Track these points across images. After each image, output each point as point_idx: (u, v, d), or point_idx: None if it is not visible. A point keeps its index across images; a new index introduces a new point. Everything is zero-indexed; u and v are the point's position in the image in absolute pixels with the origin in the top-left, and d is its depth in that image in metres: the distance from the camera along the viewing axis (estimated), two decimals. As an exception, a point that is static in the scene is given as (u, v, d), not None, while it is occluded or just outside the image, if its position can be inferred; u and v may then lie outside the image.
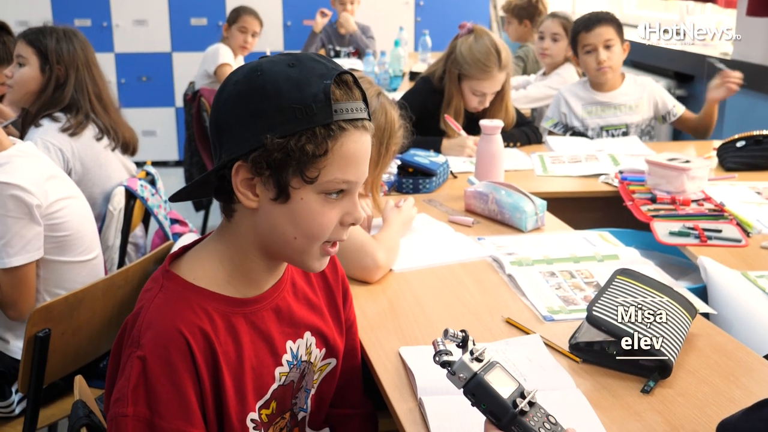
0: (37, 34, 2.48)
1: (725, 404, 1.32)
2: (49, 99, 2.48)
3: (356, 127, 1.13)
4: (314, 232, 1.15)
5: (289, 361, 1.27)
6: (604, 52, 3.15)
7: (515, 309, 1.69)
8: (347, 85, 1.13)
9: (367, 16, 5.76)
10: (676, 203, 2.37)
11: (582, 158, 2.92)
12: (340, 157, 1.11)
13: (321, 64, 1.12)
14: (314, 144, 1.09)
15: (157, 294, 1.15)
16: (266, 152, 1.08)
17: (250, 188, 1.13)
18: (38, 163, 2.03)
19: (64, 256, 2.04)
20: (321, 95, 1.08)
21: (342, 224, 1.18)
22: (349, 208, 1.17)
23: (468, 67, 2.93)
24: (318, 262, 1.21)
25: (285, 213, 1.13)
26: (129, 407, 1.08)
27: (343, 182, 1.13)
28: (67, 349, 1.83)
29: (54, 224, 1.99)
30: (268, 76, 1.10)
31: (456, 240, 2.08)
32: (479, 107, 3.03)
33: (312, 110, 1.08)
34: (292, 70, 1.10)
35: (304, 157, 1.09)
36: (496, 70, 2.92)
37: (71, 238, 2.05)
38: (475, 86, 2.96)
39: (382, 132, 1.91)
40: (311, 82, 1.09)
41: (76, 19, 5.84)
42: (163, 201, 2.72)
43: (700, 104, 3.33)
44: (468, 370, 1.10)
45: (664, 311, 1.48)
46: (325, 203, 1.14)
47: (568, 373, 1.42)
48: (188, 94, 4.61)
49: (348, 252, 1.77)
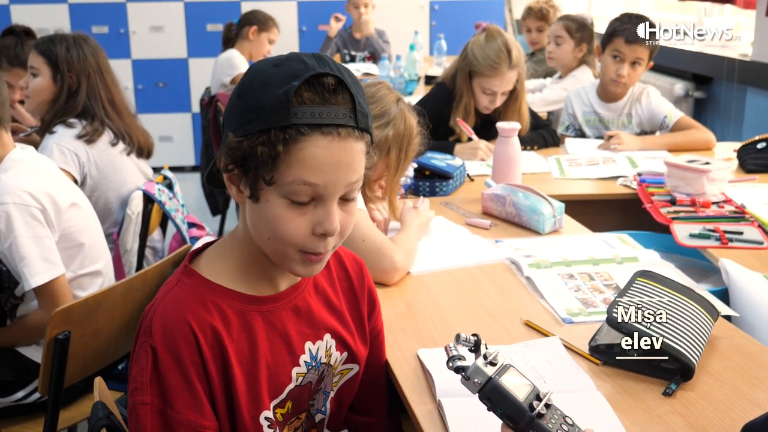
0: (47, 43, 2.50)
1: (748, 407, 1.30)
2: (62, 107, 2.50)
3: (323, 132, 1.07)
4: (281, 236, 1.12)
5: (307, 362, 1.26)
6: (627, 68, 3.12)
7: (534, 311, 1.68)
8: (324, 87, 1.08)
9: (383, 21, 5.77)
10: (696, 205, 2.35)
11: (599, 161, 2.90)
12: (299, 161, 1.07)
13: (302, 64, 1.08)
14: (267, 146, 1.06)
15: (174, 287, 1.17)
16: (230, 150, 1.09)
17: (234, 183, 1.14)
18: (42, 170, 2.03)
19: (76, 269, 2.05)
20: (282, 96, 1.06)
21: (314, 233, 1.13)
22: (320, 217, 1.12)
23: (478, 64, 2.93)
24: (301, 267, 1.16)
25: (258, 212, 1.13)
26: (147, 395, 1.10)
27: (304, 185, 1.09)
28: (87, 351, 1.84)
29: (63, 235, 2.00)
30: (252, 74, 1.11)
31: (473, 242, 2.08)
32: (490, 107, 3.02)
33: (270, 111, 1.06)
34: (272, 70, 1.09)
35: (256, 158, 1.07)
36: (506, 68, 2.91)
37: (78, 250, 2.04)
38: (485, 84, 2.95)
39: (401, 138, 1.91)
40: (281, 83, 1.07)
41: (93, 26, 5.89)
42: (180, 205, 2.73)
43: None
44: (482, 375, 1.09)
45: (685, 313, 1.47)
46: (290, 208, 1.11)
47: (588, 375, 1.40)
48: (204, 100, 4.62)
49: (366, 254, 1.76)
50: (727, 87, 3.97)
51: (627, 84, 3.17)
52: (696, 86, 4.24)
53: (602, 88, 3.28)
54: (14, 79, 2.89)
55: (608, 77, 3.18)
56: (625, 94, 3.24)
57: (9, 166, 1.96)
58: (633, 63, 3.12)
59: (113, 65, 2.68)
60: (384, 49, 5.50)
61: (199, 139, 5.90)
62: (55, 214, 1.95)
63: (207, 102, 4.48)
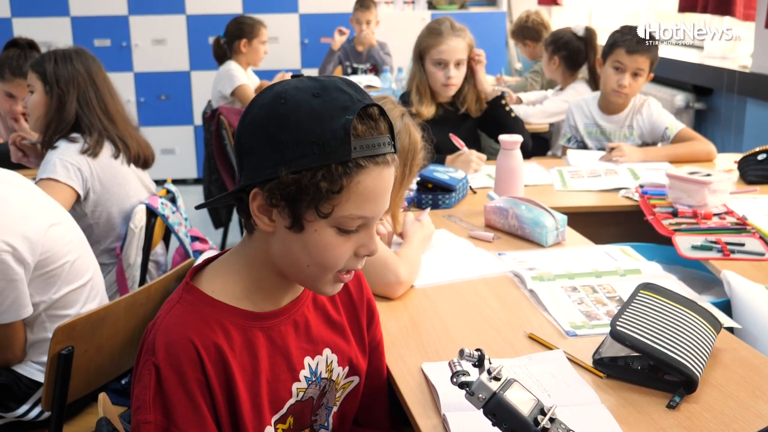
0: (38, 60, 2.53)
1: (752, 419, 1.30)
2: (56, 119, 2.50)
3: (377, 163, 1.10)
4: (327, 263, 1.15)
5: (307, 377, 1.27)
6: (629, 78, 3.13)
7: (537, 324, 1.68)
8: (372, 118, 1.10)
9: (385, 33, 5.80)
10: (697, 217, 2.36)
11: (601, 172, 2.91)
12: (357, 194, 1.10)
13: (346, 95, 1.09)
14: (329, 181, 1.07)
15: (175, 305, 1.17)
16: (281, 185, 1.08)
17: (266, 213, 1.13)
18: (9, 200, 1.90)
19: (58, 289, 1.98)
20: (341, 131, 1.06)
21: (356, 255, 1.17)
22: (364, 240, 1.16)
23: (423, 39, 3.04)
24: (330, 288, 1.20)
25: (299, 241, 1.13)
26: (150, 414, 1.10)
27: (359, 218, 1.13)
28: (90, 366, 1.83)
29: (41, 261, 1.91)
30: (290, 105, 1.08)
31: (476, 255, 2.08)
32: (448, 83, 3.04)
33: (330, 147, 1.06)
34: (316, 101, 1.08)
35: (318, 193, 1.08)
36: (450, 34, 2.99)
37: (61, 269, 1.97)
38: (434, 55, 3.01)
39: (406, 153, 1.92)
40: (333, 116, 1.07)
41: (95, 39, 5.92)
42: (183, 218, 2.73)
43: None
44: (487, 390, 1.09)
45: (688, 326, 1.47)
46: (338, 236, 1.13)
47: (592, 388, 1.41)
48: (207, 113, 4.64)
49: (370, 268, 1.77)
50: (728, 98, 3.98)
51: (628, 94, 3.18)
52: (696, 98, 4.25)
53: (603, 100, 3.29)
54: (18, 90, 2.92)
55: (609, 88, 3.19)
56: (627, 105, 3.25)
57: None
58: (634, 74, 3.13)
59: (115, 78, 2.69)
60: (386, 62, 5.53)
61: (201, 152, 5.91)
62: (27, 248, 1.86)
63: (210, 115, 4.50)
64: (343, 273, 1.19)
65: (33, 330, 1.99)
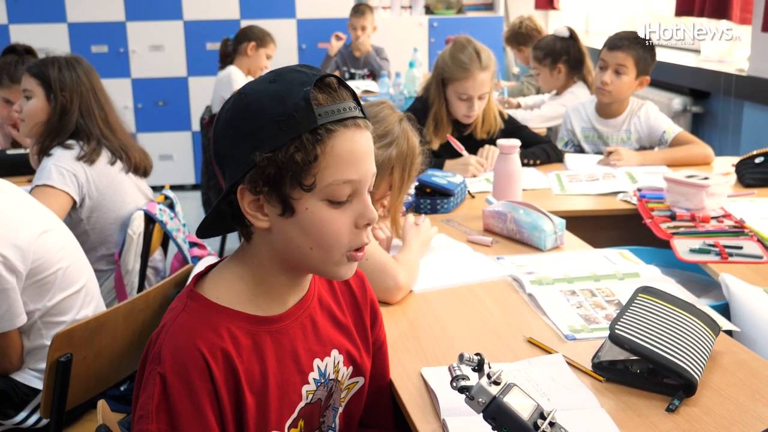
0: (39, 66, 2.52)
1: (751, 422, 1.30)
2: (56, 126, 2.51)
3: (346, 126, 1.12)
4: (328, 241, 1.15)
5: (316, 379, 1.26)
6: (610, 75, 3.14)
7: (536, 328, 1.69)
8: (330, 87, 1.13)
9: (382, 38, 5.80)
10: (695, 220, 2.36)
11: (599, 176, 2.91)
12: (334, 158, 1.11)
13: (301, 73, 1.13)
14: (303, 152, 1.09)
15: (180, 313, 1.16)
16: (259, 170, 1.10)
17: (258, 209, 1.14)
18: (1, 208, 1.90)
19: (52, 296, 1.98)
20: (302, 102, 1.09)
21: (357, 227, 1.17)
22: (360, 209, 1.16)
23: (449, 69, 2.94)
24: (344, 269, 1.19)
25: (295, 226, 1.14)
26: (153, 424, 1.09)
27: (345, 183, 1.13)
28: (89, 373, 1.83)
29: (33, 268, 1.91)
30: (250, 97, 1.12)
31: (475, 260, 2.08)
32: (469, 114, 2.99)
33: (295, 119, 1.08)
34: (273, 85, 1.12)
35: (295, 166, 1.09)
36: (477, 69, 2.90)
37: (54, 276, 1.97)
38: (458, 89, 2.94)
39: (404, 157, 1.92)
40: (292, 93, 1.10)
41: (92, 46, 5.91)
42: (182, 224, 2.73)
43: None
44: (486, 394, 1.09)
45: (687, 329, 1.47)
46: (331, 209, 1.13)
47: (591, 392, 1.41)
48: (205, 118, 4.64)
49: (370, 273, 1.76)
50: (725, 102, 3.99)
51: (612, 93, 3.17)
52: (694, 101, 4.27)
53: (600, 104, 3.30)
54: (15, 96, 2.92)
55: (595, 87, 3.24)
56: (624, 109, 3.25)
57: None
58: (616, 71, 3.14)
59: (112, 84, 2.70)
60: (382, 67, 5.53)
61: (199, 158, 5.91)
62: (18, 257, 1.86)
63: (207, 121, 4.50)
64: (355, 251, 1.18)
65: (29, 337, 1.98)
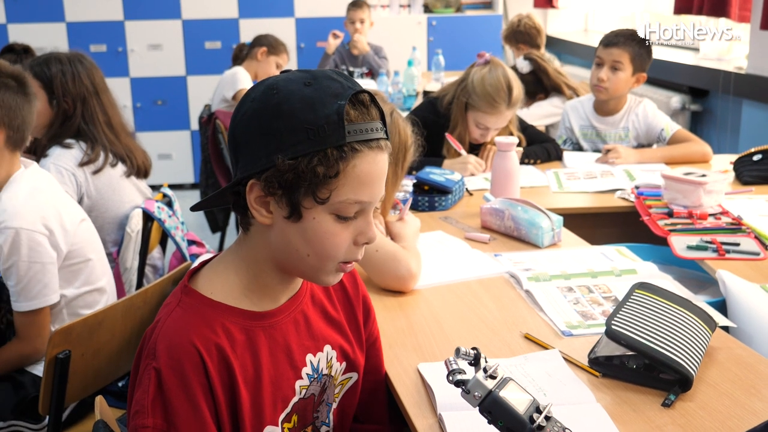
0: (42, 65, 2.49)
1: (747, 417, 1.31)
2: (57, 131, 2.51)
3: (371, 147, 1.12)
4: (326, 252, 1.16)
5: (309, 374, 1.27)
6: (606, 72, 3.15)
7: (533, 324, 1.69)
8: (363, 104, 1.12)
9: (380, 37, 5.81)
10: (693, 217, 2.36)
11: (597, 174, 2.92)
12: (353, 178, 1.11)
13: (337, 83, 1.12)
14: (325, 166, 1.09)
15: (175, 308, 1.17)
16: (278, 172, 1.09)
17: (263, 205, 1.14)
18: (48, 191, 2.03)
19: (80, 284, 2.06)
20: (334, 116, 1.08)
21: (355, 244, 1.18)
22: (362, 227, 1.17)
23: (477, 98, 2.87)
24: (332, 277, 1.21)
25: (298, 231, 1.14)
26: (149, 418, 1.09)
27: (356, 203, 1.13)
28: (87, 370, 1.84)
29: (71, 251, 2.01)
30: (283, 95, 1.10)
31: (473, 257, 2.09)
32: (480, 140, 3.00)
33: (324, 131, 1.08)
34: (308, 89, 1.10)
35: (315, 178, 1.09)
36: (504, 107, 2.85)
37: (85, 265, 2.06)
38: (480, 119, 2.90)
39: (397, 151, 1.92)
40: (325, 102, 1.09)
41: (91, 45, 5.91)
42: (180, 222, 2.73)
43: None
44: (483, 388, 1.10)
45: (683, 325, 1.48)
46: (336, 223, 1.14)
47: (588, 387, 1.41)
48: (203, 117, 4.64)
49: (382, 263, 1.80)
50: (723, 100, 4.00)
51: (608, 89, 3.18)
52: (692, 99, 4.27)
53: (597, 102, 3.30)
54: None
55: (592, 84, 3.23)
56: (621, 107, 3.26)
57: (16, 187, 1.96)
58: (613, 68, 3.14)
59: (112, 84, 2.68)
60: (381, 65, 5.53)
61: (198, 157, 5.91)
62: (62, 236, 1.97)
63: (206, 119, 4.50)
64: (346, 263, 1.19)
65: (54, 324, 2.02)
